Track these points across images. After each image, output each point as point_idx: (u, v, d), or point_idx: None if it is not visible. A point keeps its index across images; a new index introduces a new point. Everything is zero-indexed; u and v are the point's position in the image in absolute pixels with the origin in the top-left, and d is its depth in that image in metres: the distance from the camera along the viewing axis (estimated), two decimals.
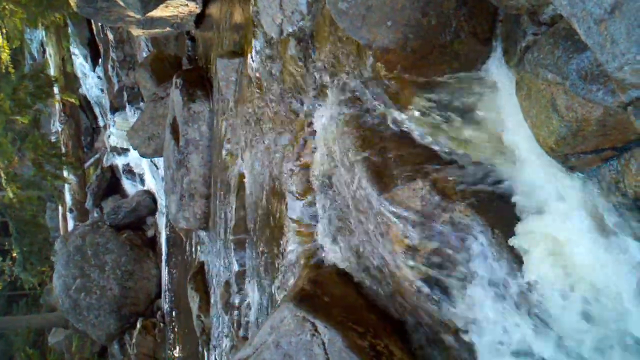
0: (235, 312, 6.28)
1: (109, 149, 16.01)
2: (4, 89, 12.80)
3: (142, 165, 13.83)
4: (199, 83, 8.05)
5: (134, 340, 12.00)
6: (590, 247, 2.39)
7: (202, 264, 8.57)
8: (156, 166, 12.23)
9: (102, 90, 16.28)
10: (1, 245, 25.15)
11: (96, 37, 15.15)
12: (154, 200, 13.24)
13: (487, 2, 2.66)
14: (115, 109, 14.35)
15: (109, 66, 14.34)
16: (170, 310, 11.00)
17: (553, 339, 2.54)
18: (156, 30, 8.89)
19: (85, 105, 18.89)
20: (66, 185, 17.36)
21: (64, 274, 12.56)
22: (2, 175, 15.03)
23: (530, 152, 2.65)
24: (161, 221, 12.36)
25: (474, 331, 2.90)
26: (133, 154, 13.17)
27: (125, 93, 13.49)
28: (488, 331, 2.85)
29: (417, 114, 3.20)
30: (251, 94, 5.65)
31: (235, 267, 6.17)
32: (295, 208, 4.50)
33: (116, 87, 14.33)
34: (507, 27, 2.76)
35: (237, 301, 6.23)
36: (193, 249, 9.42)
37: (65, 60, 16.11)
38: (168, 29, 8.76)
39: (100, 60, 15.54)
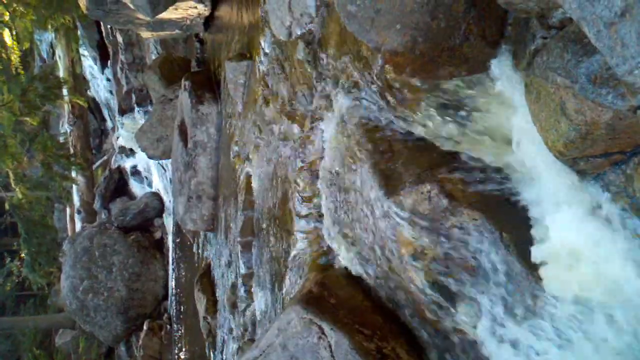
0: (242, 314, 6.29)
1: (117, 151, 16.08)
2: (14, 90, 12.88)
3: (150, 167, 13.88)
4: (208, 85, 8.09)
5: (140, 342, 12.04)
6: (598, 252, 2.38)
7: (209, 266, 8.59)
8: (164, 168, 12.28)
9: (110, 92, 16.38)
10: (9, 246, 25.28)
11: (105, 40, 15.25)
12: (162, 202, 13.29)
13: (497, 5, 2.66)
14: (124, 110, 14.42)
15: (118, 68, 14.42)
16: (177, 312, 11.03)
17: (561, 345, 2.53)
18: (165, 32, 8.93)
19: (94, 107, 19.02)
20: (74, 187, 17.45)
21: (71, 275, 12.62)
22: (11, 175, 15.14)
23: (539, 155, 2.64)
24: (168, 223, 12.40)
25: (482, 335, 2.89)
26: (141, 156, 13.23)
27: (133, 95, 13.57)
28: (495, 335, 2.84)
29: (425, 116, 3.20)
30: (259, 96, 5.66)
31: (242, 269, 6.17)
32: (302, 210, 4.50)
33: (125, 89, 14.41)
34: (516, 31, 2.75)
35: (243, 303, 6.24)
36: (200, 251, 9.44)
37: (74, 62, 16.22)
38: (177, 31, 8.80)
39: (109, 62, 15.64)
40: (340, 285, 3.79)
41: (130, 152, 15.07)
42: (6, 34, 13.56)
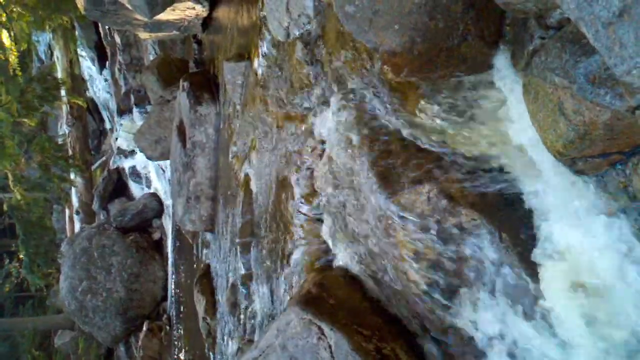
0: (242, 315, 6.29)
1: (115, 152, 16.07)
2: (12, 91, 12.85)
3: (148, 167, 13.88)
4: (206, 86, 8.08)
5: (139, 343, 12.02)
6: (597, 252, 2.38)
7: (208, 267, 8.58)
8: (162, 169, 12.27)
9: (109, 93, 16.36)
10: (8, 247, 25.26)
11: (103, 40, 15.24)
12: (160, 203, 13.27)
13: (495, 5, 2.65)
14: (122, 111, 14.41)
15: (116, 69, 14.41)
16: (176, 313, 11.02)
17: (558, 343, 2.53)
18: (163, 33, 8.93)
19: (93, 107, 19.00)
20: (73, 188, 17.44)
21: (70, 276, 12.60)
22: (10, 177, 15.12)
23: (538, 155, 2.64)
24: (167, 224, 12.38)
25: (481, 335, 2.89)
26: (140, 157, 13.23)
27: (132, 96, 13.55)
28: (495, 335, 2.84)
29: (424, 117, 3.20)
30: (257, 97, 5.66)
31: (242, 270, 6.17)
32: (301, 210, 4.50)
33: (123, 90, 14.40)
34: (514, 31, 2.75)
35: (243, 304, 6.23)
36: (199, 252, 9.43)
37: (72, 63, 16.19)
38: (175, 32, 8.80)
39: (107, 63, 15.62)
40: (339, 286, 3.79)
41: (129, 153, 15.06)
42: (4, 35, 13.53)
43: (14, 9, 12.68)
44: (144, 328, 12.07)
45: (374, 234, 3.43)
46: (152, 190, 13.97)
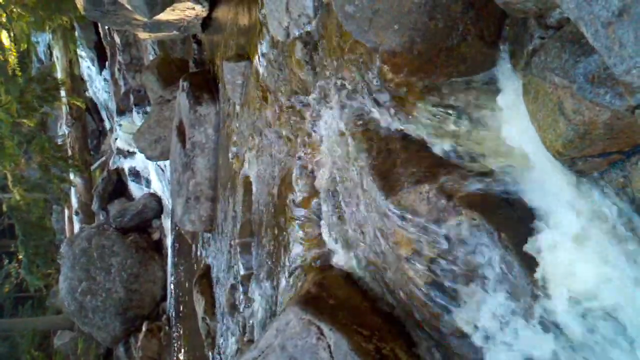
0: (241, 315, 6.28)
1: (115, 152, 16.06)
2: (11, 91, 12.84)
3: (148, 168, 13.86)
4: (206, 86, 8.07)
5: (139, 343, 12.01)
6: (596, 252, 2.38)
7: (207, 267, 8.58)
8: (162, 169, 12.26)
9: (108, 93, 16.35)
10: (7, 248, 25.24)
11: (103, 40, 15.23)
12: (160, 203, 13.27)
13: (494, 5, 2.66)
14: (122, 111, 14.39)
15: (116, 69, 14.40)
16: (176, 313, 11.01)
17: (560, 343, 2.53)
18: (163, 33, 8.92)
19: (92, 108, 18.99)
20: (72, 188, 17.43)
21: (70, 277, 12.59)
22: (9, 177, 15.13)
23: (538, 155, 2.64)
24: (167, 224, 12.38)
25: (481, 335, 2.89)
26: (139, 157, 13.21)
27: (131, 96, 13.54)
28: (495, 336, 2.83)
29: (423, 117, 3.20)
30: (257, 97, 5.65)
31: (241, 270, 6.16)
32: (301, 211, 4.50)
33: (123, 90, 14.38)
34: (514, 31, 2.75)
35: (242, 304, 6.23)
36: (199, 252, 9.43)
37: (72, 63, 16.18)
38: (174, 32, 8.79)
39: (107, 63, 15.60)
40: (339, 286, 3.79)
41: (129, 153, 15.05)
42: (3, 36, 13.52)
43: (14, 10, 12.68)
44: (144, 328, 12.07)
45: (374, 234, 3.43)
46: (151, 191, 13.97)
